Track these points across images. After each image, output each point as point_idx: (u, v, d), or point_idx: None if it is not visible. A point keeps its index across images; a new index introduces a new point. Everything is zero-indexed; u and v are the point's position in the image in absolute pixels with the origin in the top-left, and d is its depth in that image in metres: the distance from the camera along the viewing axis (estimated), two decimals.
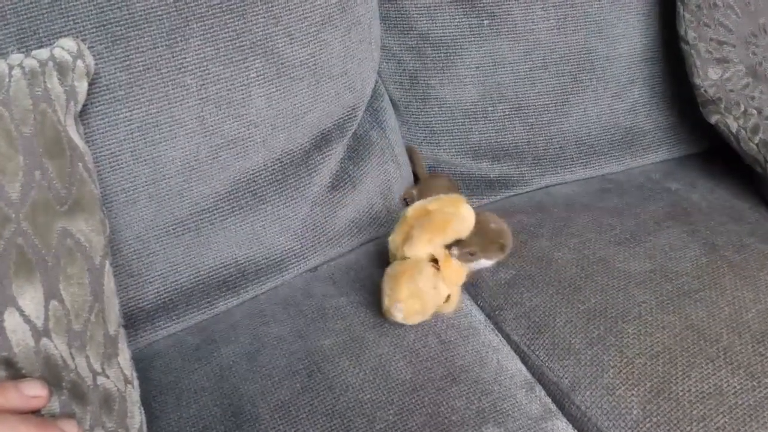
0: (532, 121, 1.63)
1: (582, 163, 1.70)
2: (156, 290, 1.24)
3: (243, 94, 1.22)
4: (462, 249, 1.27)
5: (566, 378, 1.19)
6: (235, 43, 1.20)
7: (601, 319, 1.24)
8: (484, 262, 1.35)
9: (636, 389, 1.13)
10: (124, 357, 0.97)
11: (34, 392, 0.83)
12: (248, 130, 1.24)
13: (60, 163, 0.91)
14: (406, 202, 1.45)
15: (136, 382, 0.99)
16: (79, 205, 0.92)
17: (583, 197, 1.59)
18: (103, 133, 1.12)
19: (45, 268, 0.86)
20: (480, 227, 1.28)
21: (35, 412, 0.84)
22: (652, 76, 1.72)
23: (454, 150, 1.62)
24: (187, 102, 1.17)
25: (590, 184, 1.66)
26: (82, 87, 1.00)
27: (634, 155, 1.74)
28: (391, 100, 1.59)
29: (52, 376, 0.86)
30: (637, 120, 1.72)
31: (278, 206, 1.33)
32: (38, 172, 0.88)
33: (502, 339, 1.26)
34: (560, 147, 1.67)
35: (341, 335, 1.21)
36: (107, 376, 0.92)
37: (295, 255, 1.37)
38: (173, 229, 1.23)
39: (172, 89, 1.15)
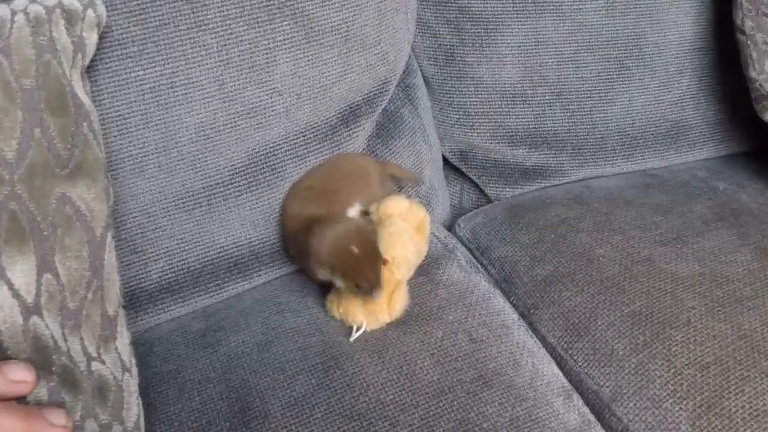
0: (573, 107, 1.59)
1: (624, 155, 1.65)
2: (161, 269, 1.20)
3: (267, 59, 1.18)
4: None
5: (607, 387, 1.15)
6: (262, 2, 1.15)
7: (646, 324, 1.20)
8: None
9: (684, 403, 1.09)
10: (123, 341, 0.93)
11: (18, 376, 0.77)
12: (271, 98, 1.20)
13: (63, 122, 0.87)
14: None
15: (134, 370, 0.95)
16: (82, 170, 0.88)
17: (625, 192, 1.55)
18: (111, 92, 1.08)
19: (39, 238, 0.82)
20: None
21: (19, 399, 0.78)
22: (702, 67, 1.67)
23: (488, 134, 1.59)
24: (206, 63, 1.13)
25: (632, 179, 1.62)
26: (91, 39, 0.95)
27: (678, 150, 1.70)
28: (424, 77, 1.56)
29: (41, 358, 0.80)
30: (683, 113, 1.68)
31: None
32: (38, 130, 0.83)
33: (536, 341, 1.22)
34: (602, 137, 1.63)
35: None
36: (103, 362, 0.88)
37: None
38: (183, 203, 1.19)
39: (191, 48, 1.11)
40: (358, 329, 1.13)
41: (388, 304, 1.15)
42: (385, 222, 1.18)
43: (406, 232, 1.17)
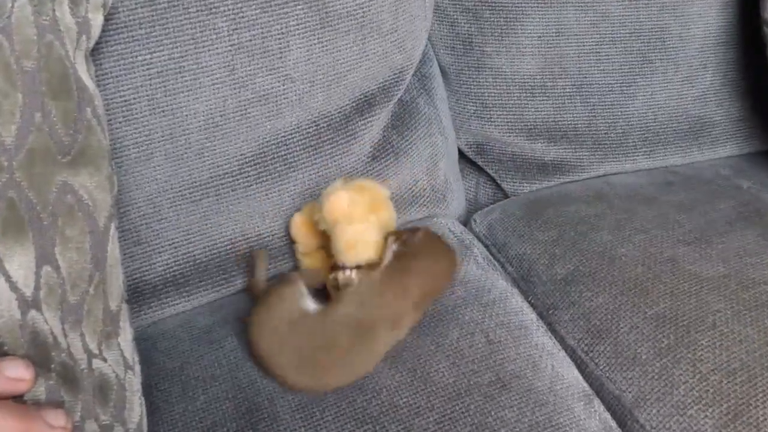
0: (594, 100, 1.57)
1: (645, 151, 1.63)
2: (165, 261, 1.19)
3: (280, 44, 1.15)
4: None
5: (630, 392, 1.13)
6: None
7: (671, 327, 1.18)
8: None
9: (710, 410, 1.07)
10: (126, 338, 0.90)
11: (16, 374, 0.73)
12: (283, 85, 1.18)
13: (65, 106, 0.82)
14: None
15: (137, 368, 0.92)
16: (85, 157, 0.84)
17: (646, 189, 1.53)
18: (117, 76, 1.06)
19: (39, 228, 0.78)
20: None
21: (16, 398, 0.74)
22: (726, 62, 1.65)
23: (506, 127, 1.56)
24: (216, 48, 1.11)
25: (653, 176, 1.60)
26: (96, 20, 0.91)
27: (701, 147, 1.69)
28: (440, 66, 1.53)
29: (40, 355, 0.76)
30: (706, 109, 1.66)
31: (310, 175, 1.27)
32: (39, 114, 0.79)
33: (556, 342, 1.20)
34: (623, 132, 1.61)
35: None
36: (104, 359, 0.85)
37: None
38: (190, 193, 1.17)
39: (200, 32, 1.09)
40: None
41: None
42: (334, 229, 1.11)
43: (359, 234, 1.10)
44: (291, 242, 1.26)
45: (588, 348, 1.20)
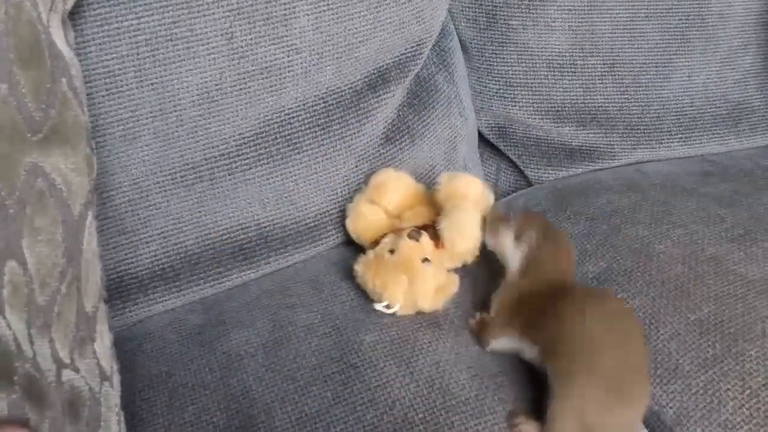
0: (627, 81, 1.55)
1: (681, 138, 1.60)
2: (153, 253, 1.17)
3: (285, 10, 1.13)
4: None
5: (671, 408, 1.08)
6: None
7: (716, 335, 1.13)
8: (509, 241, 1.12)
9: (762, 431, 1.02)
10: (103, 343, 0.87)
11: None
12: (288, 56, 1.16)
13: (36, 76, 0.80)
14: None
15: (116, 378, 0.90)
16: (59, 135, 0.82)
17: (683, 179, 1.49)
18: (99, 44, 1.02)
19: (4, 217, 0.74)
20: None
21: None
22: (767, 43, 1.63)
23: (532, 108, 1.54)
24: (213, 13, 1.08)
25: (689, 164, 1.57)
26: None
27: (739, 135, 1.66)
28: (461, 41, 1.51)
29: (1, 365, 0.72)
30: (746, 93, 1.65)
31: (317, 158, 1.25)
32: (4, 86, 0.76)
33: None
34: (657, 116, 1.58)
35: (388, 331, 1.10)
36: (76, 370, 0.82)
37: (332, 221, 1.28)
38: (181, 177, 1.15)
39: None
40: (388, 306, 1.10)
41: (435, 292, 1.12)
42: (453, 201, 1.15)
43: (475, 221, 1.13)
44: (294, 232, 1.25)
45: None
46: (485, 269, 1.17)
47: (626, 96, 1.56)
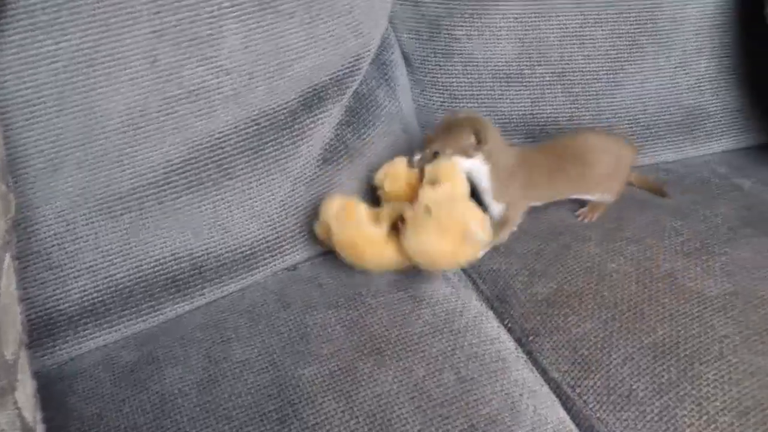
0: (577, 90, 1.54)
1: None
2: (83, 288, 1.16)
3: (211, 30, 1.13)
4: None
5: None
6: None
7: (671, 358, 1.12)
8: (463, 161, 1.27)
9: None
10: (25, 392, 0.84)
11: None
12: (216, 78, 1.16)
13: None
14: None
15: (40, 429, 0.87)
16: None
17: (636, 191, 1.48)
18: (16, 72, 1.02)
19: None
20: (444, 124, 1.28)
21: None
22: (722, 47, 1.63)
23: None
24: (135, 34, 1.07)
25: (644, 174, 1.54)
26: None
27: (694, 142, 1.65)
28: (403, 53, 1.52)
29: None
30: (701, 99, 1.63)
31: (250, 182, 1.25)
32: None
33: (537, 375, 1.16)
34: (609, 125, 1.57)
35: (327, 364, 1.10)
36: None
37: (269, 248, 1.28)
38: (108, 208, 1.15)
39: (115, 16, 1.05)
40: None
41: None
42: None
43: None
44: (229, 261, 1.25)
45: (575, 382, 1.14)
46: None
47: (576, 105, 1.55)
